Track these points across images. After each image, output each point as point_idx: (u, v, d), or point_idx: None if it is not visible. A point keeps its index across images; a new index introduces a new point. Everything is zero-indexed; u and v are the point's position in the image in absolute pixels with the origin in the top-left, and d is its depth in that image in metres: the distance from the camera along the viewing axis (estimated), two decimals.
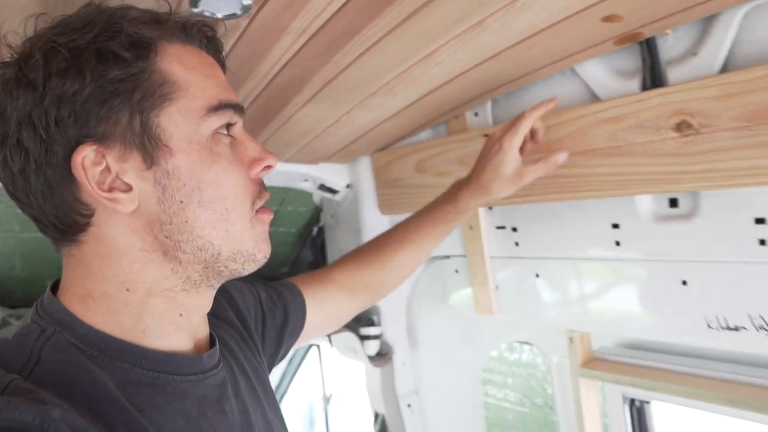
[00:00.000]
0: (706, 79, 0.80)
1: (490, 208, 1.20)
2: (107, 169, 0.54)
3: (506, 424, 1.42)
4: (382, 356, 1.56)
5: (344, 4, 0.72)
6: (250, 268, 0.63)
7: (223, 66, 0.65)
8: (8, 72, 0.55)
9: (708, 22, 0.81)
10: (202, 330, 0.67)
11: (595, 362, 1.12)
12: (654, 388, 1.03)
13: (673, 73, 0.86)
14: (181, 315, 0.61)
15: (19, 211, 0.61)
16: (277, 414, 0.77)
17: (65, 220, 0.56)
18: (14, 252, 1.39)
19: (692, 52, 0.83)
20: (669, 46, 0.87)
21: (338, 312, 1.01)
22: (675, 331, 0.93)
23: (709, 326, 0.87)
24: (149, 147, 0.55)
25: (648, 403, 1.13)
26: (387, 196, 1.37)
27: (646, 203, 0.93)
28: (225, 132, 0.60)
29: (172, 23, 0.58)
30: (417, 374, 1.55)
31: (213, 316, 0.73)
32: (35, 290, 1.44)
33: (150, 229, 0.57)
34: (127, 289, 0.58)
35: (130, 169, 0.55)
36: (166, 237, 0.57)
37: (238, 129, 0.62)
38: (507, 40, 0.86)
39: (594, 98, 0.96)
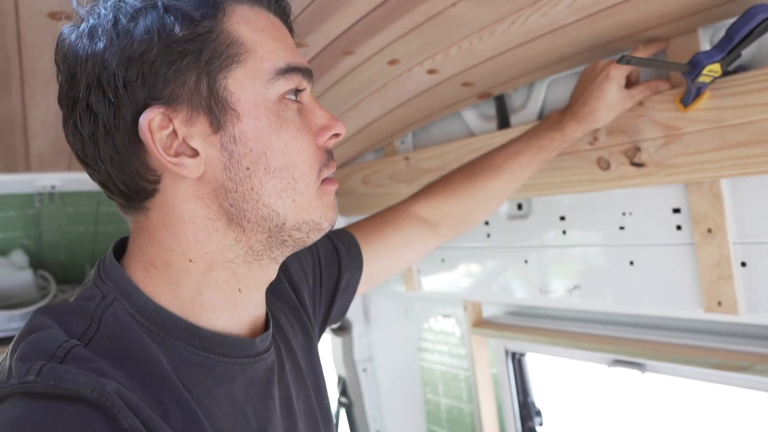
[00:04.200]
0: (529, 124, 1.21)
1: None
2: (174, 133, 0.53)
3: (435, 382, 1.82)
4: (343, 329, 1.96)
5: None
6: (314, 237, 0.61)
7: (291, 30, 0.63)
8: (77, 33, 0.53)
9: (530, 87, 1.23)
10: (259, 309, 0.66)
11: (483, 324, 1.52)
12: (528, 341, 1.43)
13: (513, 118, 1.27)
14: (240, 290, 0.61)
15: (67, 209, 0.71)
16: (321, 394, 0.76)
17: (132, 186, 0.55)
18: (60, 242, 1.83)
19: (523, 105, 1.25)
20: (512, 100, 1.28)
21: (413, 251, 0.98)
22: (519, 295, 1.33)
23: (540, 291, 1.28)
24: (216, 110, 0.53)
25: (524, 354, 1.52)
26: (343, 202, 1.78)
27: (504, 207, 1.34)
28: (293, 97, 0.58)
29: None
30: (370, 344, 1.96)
31: (269, 291, 0.71)
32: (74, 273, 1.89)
33: (215, 197, 0.56)
34: (190, 260, 0.57)
35: (197, 133, 0.54)
36: (231, 205, 0.56)
37: (306, 95, 0.60)
38: (408, 94, 1.28)
39: (470, 134, 1.37)
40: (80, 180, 1.59)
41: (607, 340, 1.23)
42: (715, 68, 0.84)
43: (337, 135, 0.62)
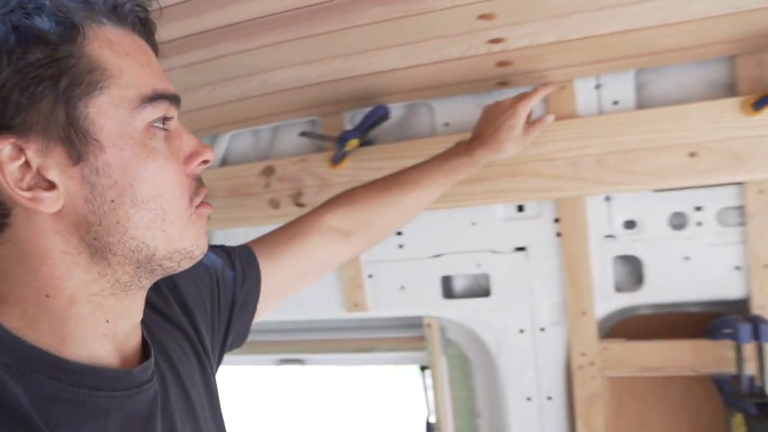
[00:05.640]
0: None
1: None
2: (26, 164, 0.49)
3: None
4: None
5: None
6: (186, 265, 0.59)
7: (156, 52, 0.59)
8: None
9: (215, 137, 1.46)
10: (133, 339, 0.62)
11: None
12: None
13: None
14: (107, 321, 0.56)
15: None
16: (216, 424, 0.73)
17: None
18: None
19: None
20: None
21: (324, 262, 0.95)
22: None
23: None
24: (76, 141, 0.50)
25: None
26: None
27: None
28: (160, 125, 0.55)
29: (101, 3, 0.53)
30: None
31: (155, 312, 0.69)
32: None
33: (75, 231, 0.52)
34: (47, 295, 0.53)
35: (53, 164, 0.50)
36: (95, 239, 0.52)
37: (174, 122, 0.57)
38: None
39: None
40: None
41: (274, 344, 1.53)
42: (354, 142, 1.23)
43: (205, 162, 0.59)
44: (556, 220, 1.22)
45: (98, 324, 0.56)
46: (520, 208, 1.26)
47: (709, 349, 1.14)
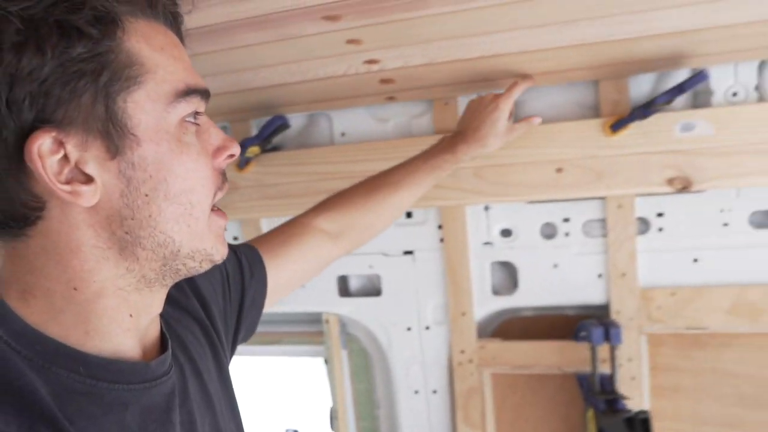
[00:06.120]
0: None
1: None
2: (65, 158, 0.49)
3: None
4: None
5: None
6: (206, 267, 0.60)
7: (183, 45, 0.60)
8: None
9: None
10: (152, 332, 0.62)
11: None
12: None
13: None
14: (131, 316, 0.57)
15: None
16: (233, 417, 0.74)
17: (10, 212, 0.51)
18: None
19: None
20: None
21: (317, 262, 0.98)
22: None
23: None
24: (114, 135, 0.50)
25: None
26: None
27: None
28: (192, 120, 0.56)
29: None
30: None
31: (174, 306, 0.70)
32: None
33: (108, 225, 0.53)
34: (75, 288, 0.53)
35: (92, 158, 0.50)
36: (126, 233, 0.53)
37: (203, 116, 0.58)
38: None
39: None
40: None
41: None
42: (255, 149, 1.31)
43: (232, 155, 0.60)
44: (440, 227, 1.31)
45: (122, 318, 0.57)
46: (409, 215, 1.35)
47: (573, 349, 1.24)
